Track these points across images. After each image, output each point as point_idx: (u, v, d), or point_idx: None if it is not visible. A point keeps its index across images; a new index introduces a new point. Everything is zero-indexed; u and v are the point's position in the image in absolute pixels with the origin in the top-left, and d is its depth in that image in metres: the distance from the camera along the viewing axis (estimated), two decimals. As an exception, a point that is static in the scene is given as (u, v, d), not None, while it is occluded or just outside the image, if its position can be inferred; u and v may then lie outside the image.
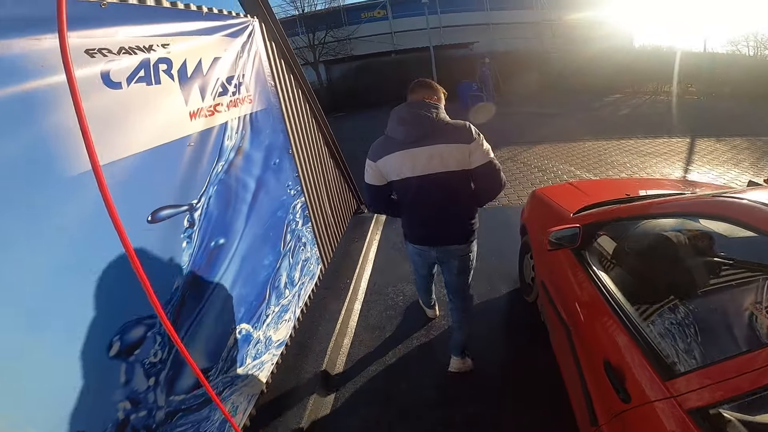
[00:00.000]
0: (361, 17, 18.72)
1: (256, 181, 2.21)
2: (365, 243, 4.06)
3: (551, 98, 13.97)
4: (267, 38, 2.53)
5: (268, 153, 2.36)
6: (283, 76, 2.78)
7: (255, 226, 2.18)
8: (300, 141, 3.03)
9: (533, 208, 3.00)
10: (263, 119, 2.33)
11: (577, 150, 6.98)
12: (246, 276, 2.02)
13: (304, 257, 2.95)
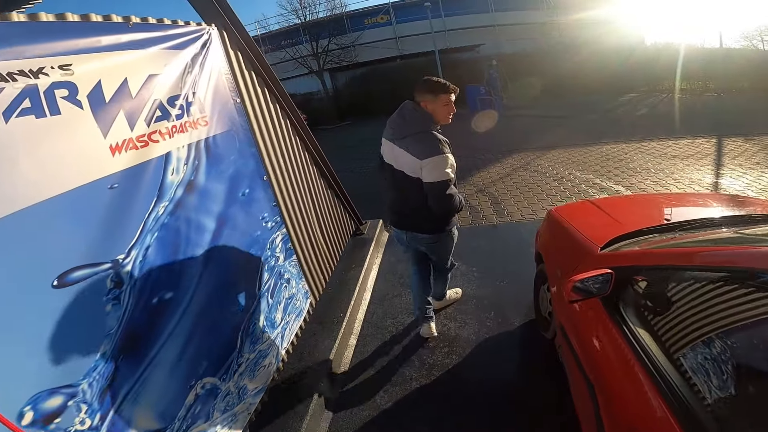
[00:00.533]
0: (365, 23, 18.50)
1: (217, 219, 1.88)
2: (363, 270, 3.66)
3: (563, 100, 13.44)
4: (230, 48, 2.19)
5: (234, 183, 2.01)
6: (253, 90, 2.43)
7: (217, 272, 1.86)
8: (279, 164, 2.67)
9: (550, 233, 2.58)
10: (225, 144, 1.98)
11: (595, 155, 6.48)
12: (207, 327, 1.76)
13: (287, 295, 2.60)
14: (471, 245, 3.91)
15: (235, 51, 2.25)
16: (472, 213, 4.73)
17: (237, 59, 2.26)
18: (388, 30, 18.48)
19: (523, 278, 3.03)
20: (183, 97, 1.63)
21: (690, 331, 1.22)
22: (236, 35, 2.22)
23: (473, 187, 5.65)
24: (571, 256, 2.09)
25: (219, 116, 1.94)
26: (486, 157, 7.28)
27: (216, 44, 2.02)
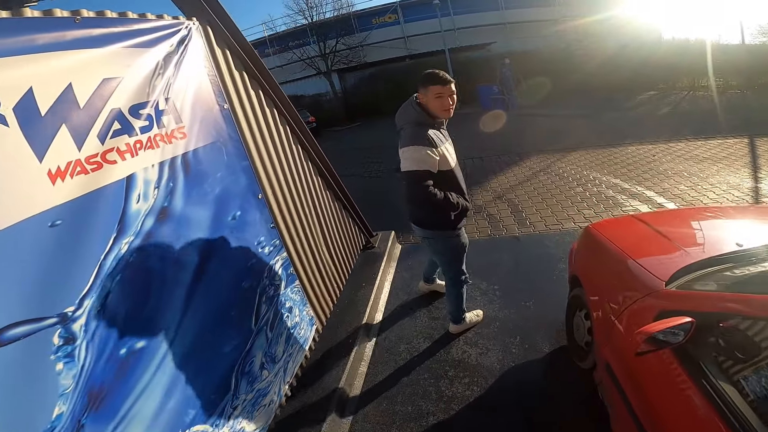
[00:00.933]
0: (372, 23, 18.18)
1: (201, 251, 1.60)
2: (374, 288, 3.34)
3: (579, 98, 12.92)
4: (216, 46, 1.89)
5: (221, 206, 1.72)
6: (245, 93, 2.13)
7: (204, 311, 1.60)
8: (277, 178, 2.37)
9: (590, 254, 2.23)
10: (210, 158, 1.69)
11: (620, 156, 6.06)
12: (194, 372, 1.56)
13: (290, 324, 2.33)
14: (491, 259, 3.57)
15: (223, 49, 1.95)
16: (491, 222, 4.37)
17: (225, 58, 1.96)
18: (397, 29, 18.14)
19: (551, 297, 2.79)
20: (151, 105, 1.33)
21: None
22: (224, 31, 1.92)
23: (491, 193, 5.29)
24: (623, 288, 1.75)
25: (201, 126, 1.64)
26: (502, 159, 6.90)
27: (197, 41, 1.72)
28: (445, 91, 1.89)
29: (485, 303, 2.95)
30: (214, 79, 1.80)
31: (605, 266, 1.99)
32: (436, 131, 1.96)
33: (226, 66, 1.96)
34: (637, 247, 1.93)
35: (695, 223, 2.14)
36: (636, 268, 1.73)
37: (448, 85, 1.90)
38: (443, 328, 2.72)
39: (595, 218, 4.04)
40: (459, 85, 1.93)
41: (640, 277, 1.67)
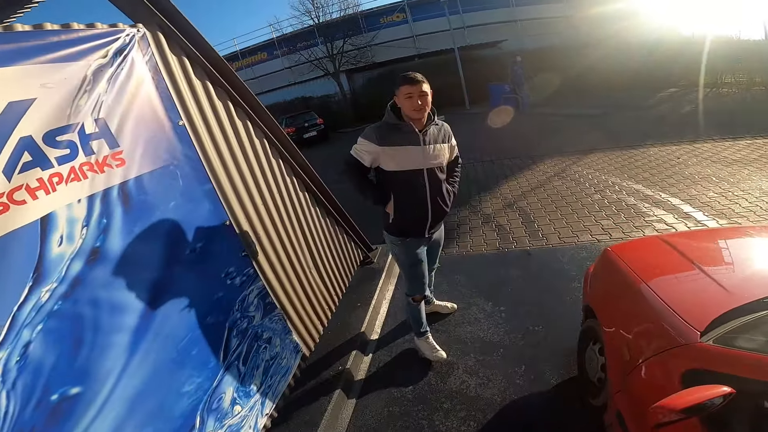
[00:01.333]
0: (380, 22, 17.91)
1: (150, 291, 1.40)
2: (370, 309, 3.10)
3: (595, 96, 12.43)
4: (171, 54, 1.67)
5: (176, 238, 1.53)
6: (209, 106, 1.90)
7: (155, 352, 1.46)
8: (252, 199, 2.15)
9: (608, 284, 1.94)
10: (159, 186, 1.49)
11: (641, 159, 5.66)
12: (145, 417, 1.43)
13: (268, 356, 2.14)
14: (499, 276, 3.29)
15: (179, 57, 1.72)
16: (501, 233, 4.07)
17: (182, 67, 1.73)
18: (405, 28, 17.83)
19: (563, 321, 2.56)
20: (75, 129, 1.11)
21: None
22: (179, 37, 1.69)
23: (500, 201, 4.98)
24: (645, 333, 1.48)
25: (147, 148, 1.43)
26: (514, 162, 6.56)
27: (142, 50, 1.50)
28: (414, 90, 1.86)
29: (490, 327, 2.70)
30: (166, 93, 1.58)
31: (625, 300, 1.69)
32: (403, 133, 1.97)
33: (183, 76, 1.73)
34: (665, 280, 1.64)
35: (738, 249, 1.82)
36: (663, 309, 1.44)
37: (418, 85, 1.86)
38: (443, 359, 2.47)
39: (614, 230, 3.71)
40: (468, 83, 1.85)
41: (667, 322, 1.39)
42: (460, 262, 3.65)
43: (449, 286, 3.30)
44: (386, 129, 1.98)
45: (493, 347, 2.49)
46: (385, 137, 1.95)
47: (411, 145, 1.97)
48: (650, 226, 3.67)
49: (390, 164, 2.00)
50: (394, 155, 1.97)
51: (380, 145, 1.95)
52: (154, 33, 1.60)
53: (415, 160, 2.00)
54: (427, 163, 2.02)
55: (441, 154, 2.07)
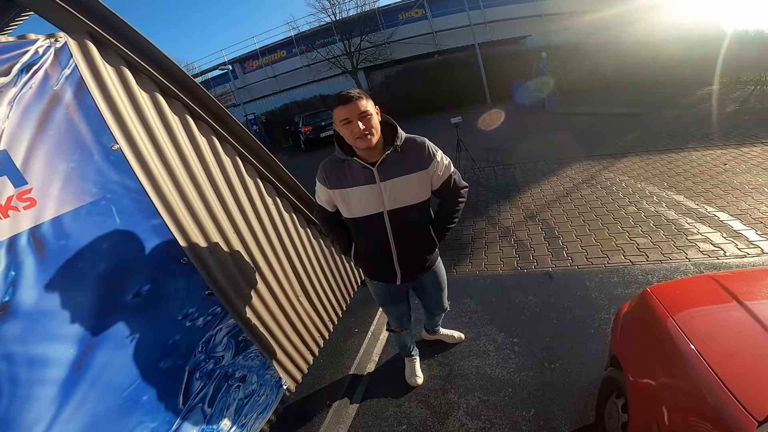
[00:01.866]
0: (398, 18, 17.50)
1: (80, 341, 1.26)
2: (368, 334, 2.79)
3: (628, 95, 11.63)
4: (105, 65, 1.40)
5: (114, 283, 1.36)
6: (159, 121, 1.61)
7: (95, 401, 1.30)
8: (219, 229, 1.85)
9: (641, 335, 1.56)
10: (86, 226, 1.30)
11: (682, 165, 5.07)
12: None
13: (242, 394, 1.90)
14: (514, 301, 2.90)
15: (117, 67, 1.43)
16: (520, 250, 3.63)
17: (121, 80, 1.44)
18: (424, 24, 17.35)
19: (584, 359, 2.27)
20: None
21: None
22: (116, 44, 1.39)
23: (521, 212, 4.52)
24: (686, 409, 1.15)
25: (68, 182, 1.21)
26: (538, 167, 6.06)
27: (60, 64, 1.24)
28: (350, 113, 1.38)
29: (499, 361, 2.37)
30: (94, 111, 1.30)
31: (663, 362, 1.33)
32: (352, 170, 1.53)
33: (122, 89, 1.44)
34: (718, 342, 1.24)
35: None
36: (711, 383, 1.08)
37: (353, 103, 1.38)
38: (443, 389, 2.27)
39: (651, 250, 3.21)
40: (490, 80, 1.43)
41: (716, 401, 1.04)
42: (471, 284, 3.25)
43: (457, 311, 2.92)
44: (334, 167, 1.57)
45: (501, 386, 2.21)
46: (333, 178, 1.56)
47: (362, 185, 1.53)
48: (694, 246, 3.17)
49: (344, 210, 1.63)
50: (345, 199, 1.58)
51: (330, 188, 1.59)
52: (80, 42, 1.32)
53: (371, 203, 1.55)
54: (389, 204, 1.55)
55: (410, 189, 1.55)
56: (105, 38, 1.38)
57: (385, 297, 1.94)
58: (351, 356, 2.59)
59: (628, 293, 2.74)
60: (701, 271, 2.85)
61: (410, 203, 1.57)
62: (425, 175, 1.56)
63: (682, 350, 1.23)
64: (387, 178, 1.51)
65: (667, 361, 1.30)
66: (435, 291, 2.00)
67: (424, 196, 1.61)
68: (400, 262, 1.69)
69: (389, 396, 2.32)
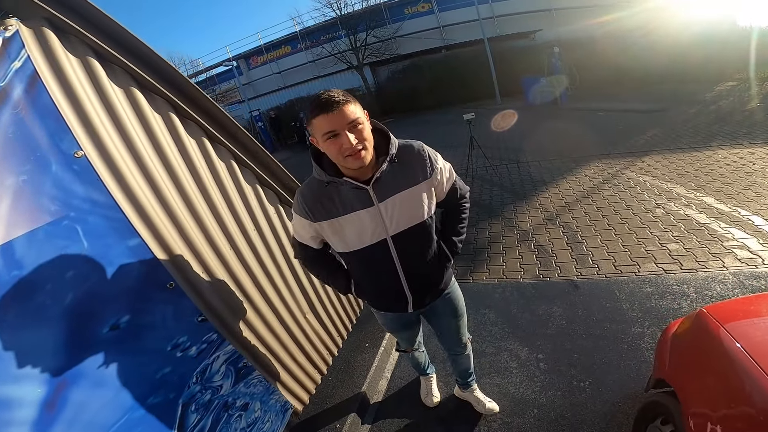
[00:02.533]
0: (405, 13, 17.16)
1: (48, 381, 1.11)
2: (380, 350, 2.59)
3: (643, 90, 11.28)
4: (68, 55, 1.19)
5: (83, 316, 1.18)
6: (138, 124, 1.40)
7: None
8: (213, 247, 1.64)
9: (699, 358, 1.36)
10: (43, 252, 1.11)
11: (708, 164, 4.79)
12: None
13: (244, 424, 1.74)
14: (537, 313, 2.70)
15: (84, 59, 1.23)
16: (541, 257, 3.41)
17: (88, 74, 1.24)
18: (431, 19, 16.98)
19: (615, 376, 2.10)
20: None
21: None
22: (82, 32, 1.19)
23: (540, 213, 4.28)
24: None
25: (18, 199, 1.02)
26: (554, 165, 5.81)
27: (9, 56, 1.05)
28: (335, 123, 1.07)
29: (523, 380, 2.19)
30: (52, 112, 1.09)
31: (730, 390, 1.13)
32: (341, 194, 1.24)
33: (88, 85, 1.23)
34: None
35: None
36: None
37: (336, 110, 1.06)
38: (461, 409, 2.11)
39: (685, 258, 2.98)
40: (500, 76, 1.14)
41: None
42: (490, 293, 3.03)
43: (476, 323, 2.72)
44: (315, 194, 1.26)
45: (525, 406, 2.04)
46: (316, 209, 1.25)
47: (358, 211, 1.24)
48: (731, 253, 2.93)
49: (337, 245, 1.33)
50: (337, 231, 1.28)
51: (315, 221, 1.27)
52: (36, 29, 1.11)
53: (371, 230, 1.27)
54: (392, 228, 1.28)
55: (414, 206, 1.28)
56: (67, 25, 1.16)
57: (394, 325, 1.70)
58: (362, 374, 2.39)
59: (663, 305, 2.53)
60: (740, 280, 2.63)
61: (417, 222, 1.30)
62: (429, 186, 1.31)
63: (753, 376, 1.05)
64: (386, 196, 1.23)
65: (735, 388, 1.11)
66: (450, 319, 1.69)
67: (431, 210, 1.35)
68: (410, 288, 1.42)
69: (403, 417, 2.16)
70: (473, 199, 5.17)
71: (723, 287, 2.59)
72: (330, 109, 1.06)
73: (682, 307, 2.47)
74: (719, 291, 2.56)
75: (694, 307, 2.43)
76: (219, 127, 1.76)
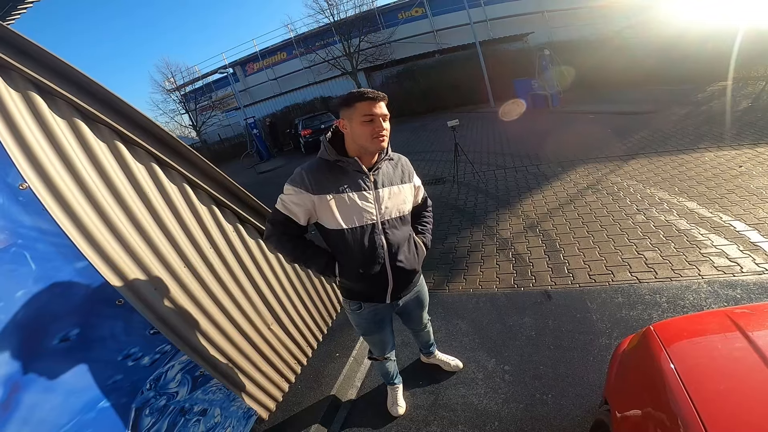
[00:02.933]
0: (398, 18, 17.24)
1: (5, 385, 1.21)
2: (349, 360, 2.59)
3: (634, 92, 11.25)
4: (9, 92, 1.25)
5: (33, 331, 1.28)
6: (83, 154, 1.45)
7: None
8: (165, 266, 1.67)
9: (639, 379, 1.31)
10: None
11: (694, 167, 4.75)
12: None
13: (203, 428, 1.80)
14: (508, 324, 2.68)
15: (25, 93, 1.29)
16: (517, 266, 3.38)
17: (30, 108, 1.29)
18: (425, 23, 17.09)
19: (579, 390, 2.08)
20: None
21: None
22: (18, 68, 1.24)
23: (522, 221, 4.25)
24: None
25: None
26: (540, 170, 5.78)
27: None
28: (375, 110, 1.36)
29: (487, 391, 2.18)
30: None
31: (657, 413, 1.11)
32: (347, 174, 1.44)
33: (31, 118, 1.27)
34: (730, 405, 1.00)
35: None
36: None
37: (379, 101, 1.37)
38: (425, 420, 2.12)
39: (660, 266, 2.94)
40: (492, 80, 1.26)
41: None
42: (464, 304, 3.01)
43: (447, 333, 2.70)
44: (322, 170, 1.43)
45: (487, 419, 2.04)
46: (320, 182, 1.41)
47: (358, 191, 1.44)
48: (707, 261, 2.89)
49: (331, 220, 1.44)
50: (336, 206, 1.42)
51: (315, 193, 1.41)
52: None
53: (366, 211, 1.46)
54: (383, 214, 1.49)
55: (400, 199, 1.55)
56: (5, 61, 1.19)
57: (368, 324, 1.77)
58: (330, 382, 2.39)
59: (632, 315, 2.50)
60: (715, 290, 2.59)
61: (401, 213, 1.55)
62: (411, 188, 1.62)
63: (684, 408, 1.01)
64: (382, 185, 1.49)
65: (654, 396, 1.12)
66: (417, 310, 1.94)
67: (410, 207, 1.62)
68: (395, 275, 1.58)
69: (369, 426, 2.16)
70: (457, 206, 5.14)
71: (696, 297, 2.55)
72: (375, 99, 1.36)
73: (652, 318, 2.44)
74: (692, 300, 2.52)
75: (664, 317, 2.40)
76: (170, 151, 1.76)
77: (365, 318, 1.72)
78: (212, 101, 21.43)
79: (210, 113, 20.73)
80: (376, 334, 1.85)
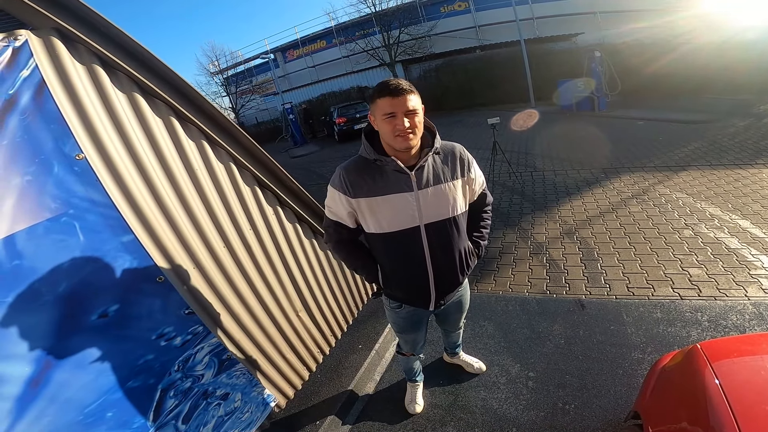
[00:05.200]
0: (440, 11, 16.89)
1: (37, 360, 1.21)
2: (371, 353, 2.60)
3: (689, 100, 10.56)
4: (74, 62, 1.28)
5: (74, 305, 1.28)
6: (139, 128, 1.47)
7: (53, 416, 1.26)
8: (206, 245, 1.71)
9: (678, 394, 1.27)
10: (43, 245, 1.21)
11: (750, 184, 4.42)
12: None
13: (223, 412, 1.81)
14: (537, 330, 2.62)
15: (89, 66, 1.31)
16: (551, 272, 3.29)
17: (92, 80, 1.33)
18: (467, 18, 16.61)
19: (604, 401, 2.02)
20: None
21: None
22: (88, 41, 1.28)
23: (558, 226, 4.12)
24: None
25: (22, 197, 1.14)
26: (582, 175, 5.56)
27: (18, 64, 1.14)
28: (396, 105, 1.22)
29: (508, 396, 2.15)
30: (56, 117, 1.19)
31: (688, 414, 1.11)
32: (385, 174, 1.33)
33: (93, 90, 1.31)
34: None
35: None
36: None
37: (401, 96, 1.22)
38: (442, 421, 2.10)
39: (705, 284, 2.78)
40: (535, 80, 1.16)
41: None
42: (492, 306, 2.96)
43: (473, 334, 2.68)
44: (360, 170, 1.34)
45: (505, 424, 2.01)
46: (357, 183, 1.33)
47: (398, 193, 1.32)
48: (756, 283, 2.72)
49: (369, 224, 1.38)
50: (374, 210, 1.34)
51: (353, 197, 1.34)
52: (45, 39, 1.20)
53: (407, 215, 1.34)
54: (426, 217, 1.36)
55: (449, 199, 1.38)
56: (74, 34, 1.25)
57: (405, 323, 1.74)
58: (351, 374, 2.42)
59: (670, 332, 2.39)
60: (761, 312, 2.44)
61: (449, 216, 1.39)
62: (464, 184, 1.43)
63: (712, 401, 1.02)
64: (425, 185, 1.34)
65: (695, 412, 1.08)
66: (456, 314, 1.87)
67: (463, 207, 1.45)
68: (436, 284, 1.48)
69: (384, 421, 2.17)
70: (492, 206, 5.03)
71: (740, 318, 2.40)
72: (395, 94, 1.21)
73: (691, 336, 2.32)
74: (735, 321, 2.38)
75: (704, 337, 2.28)
76: (220, 130, 1.81)
77: (403, 317, 1.68)
78: (252, 85, 21.94)
79: (249, 97, 21.25)
80: (410, 333, 1.81)
